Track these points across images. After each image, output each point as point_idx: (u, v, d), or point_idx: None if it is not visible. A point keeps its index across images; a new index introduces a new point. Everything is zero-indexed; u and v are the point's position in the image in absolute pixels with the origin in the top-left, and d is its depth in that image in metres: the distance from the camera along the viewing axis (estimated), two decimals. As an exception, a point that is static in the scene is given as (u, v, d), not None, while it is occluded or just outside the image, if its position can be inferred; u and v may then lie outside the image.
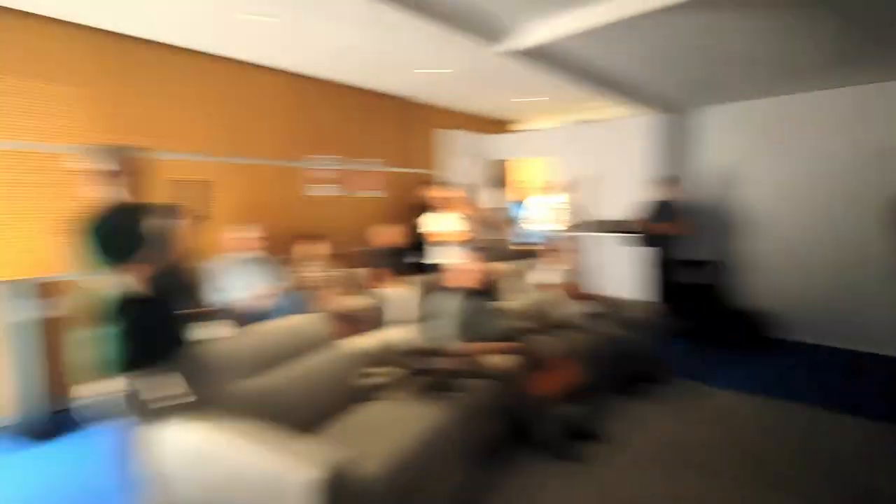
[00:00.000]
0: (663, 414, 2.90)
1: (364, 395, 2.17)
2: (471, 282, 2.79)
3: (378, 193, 5.05)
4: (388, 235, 4.33)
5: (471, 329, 2.63)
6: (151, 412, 1.72)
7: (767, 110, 4.63)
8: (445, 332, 2.62)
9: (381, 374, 2.31)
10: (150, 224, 1.77)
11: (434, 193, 4.56)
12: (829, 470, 2.26)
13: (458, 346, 2.56)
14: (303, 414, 1.88)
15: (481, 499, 2.05)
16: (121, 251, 1.66)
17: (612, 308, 3.49)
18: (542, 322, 3.16)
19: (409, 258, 4.51)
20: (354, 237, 4.60)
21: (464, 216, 4.34)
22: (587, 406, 2.63)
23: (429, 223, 4.43)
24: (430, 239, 4.37)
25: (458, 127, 5.96)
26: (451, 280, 2.84)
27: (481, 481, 2.09)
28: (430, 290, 2.92)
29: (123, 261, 1.65)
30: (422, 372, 2.27)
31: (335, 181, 4.62)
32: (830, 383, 3.43)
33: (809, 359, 4.03)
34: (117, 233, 1.69)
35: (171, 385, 1.78)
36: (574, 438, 2.44)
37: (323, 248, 3.84)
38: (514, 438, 2.41)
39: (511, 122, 6.75)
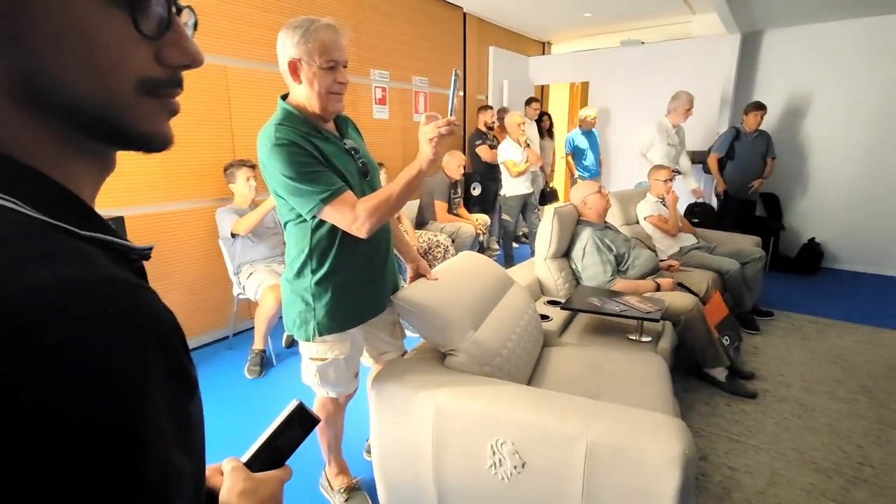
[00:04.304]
0: (789, 346, 2.96)
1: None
2: (604, 209, 2.69)
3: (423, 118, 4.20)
4: (457, 165, 4.07)
5: (625, 264, 2.63)
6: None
7: (836, 34, 4.43)
8: (599, 268, 2.52)
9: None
10: None
11: (509, 121, 4.26)
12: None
13: (624, 283, 2.51)
14: (526, 366, 1.74)
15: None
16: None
17: (710, 241, 3.52)
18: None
19: (475, 189, 4.55)
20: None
21: (526, 144, 4.22)
22: (737, 340, 2.62)
23: (505, 152, 4.27)
24: (513, 170, 4.23)
25: (505, 46, 5.62)
26: (586, 212, 2.68)
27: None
28: (566, 222, 2.62)
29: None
30: (601, 313, 2.15)
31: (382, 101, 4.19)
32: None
33: (872, 286, 4.18)
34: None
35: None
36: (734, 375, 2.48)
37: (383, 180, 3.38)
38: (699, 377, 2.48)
39: (550, 42, 6.61)
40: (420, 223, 4.29)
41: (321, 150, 1.27)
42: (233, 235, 2.71)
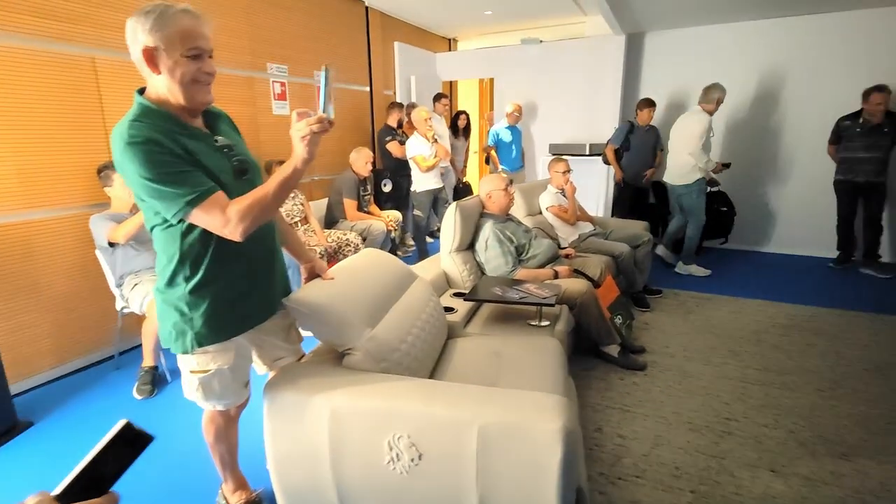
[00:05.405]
0: (674, 320, 3.28)
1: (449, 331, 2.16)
2: (507, 206, 2.80)
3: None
4: (365, 161, 4.05)
5: (526, 254, 2.77)
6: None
7: (710, 37, 4.93)
8: (501, 259, 2.64)
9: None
10: None
11: (416, 116, 4.25)
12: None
13: (525, 272, 2.64)
14: (428, 359, 1.75)
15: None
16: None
17: (606, 227, 3.86)
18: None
19: (385, 186, 4.63)
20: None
21: (433, 139, 4.20)
22: (628, 318, 2.88)
23: (414, 148, 4.22)
24: (422, 165, 4.19)
25: (411, 42, 5.68)
26: (490, 206, 2.79)
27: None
28: (468, 216, 2.69)
29: None
30: (502, 302, 2.23)
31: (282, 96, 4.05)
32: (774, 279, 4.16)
33: (744, 262, 4.73)
34: None
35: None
36: (626, 350, 2.69)
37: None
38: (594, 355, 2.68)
39: (456, 39, 6.81)
40: (330, 222, 4.18)
41: (188, 149, 1.18)
42: (111, 244, 2.46)
